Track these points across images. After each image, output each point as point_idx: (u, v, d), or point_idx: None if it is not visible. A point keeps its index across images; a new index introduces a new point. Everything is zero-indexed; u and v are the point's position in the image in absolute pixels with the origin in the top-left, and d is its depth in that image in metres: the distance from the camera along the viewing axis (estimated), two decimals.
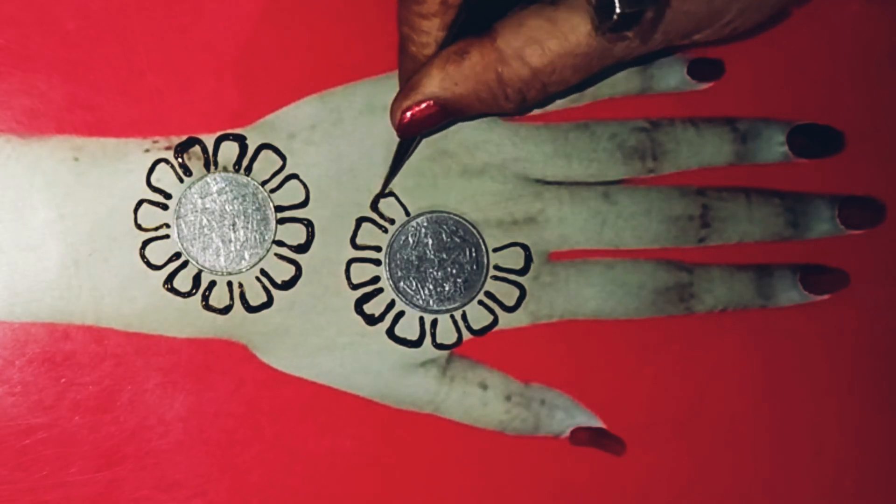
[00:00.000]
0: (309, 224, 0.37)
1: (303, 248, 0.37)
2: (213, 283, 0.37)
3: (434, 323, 0.38)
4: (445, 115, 0.33)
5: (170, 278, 0.37)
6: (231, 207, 0.37)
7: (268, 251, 0.37)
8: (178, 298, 0.37)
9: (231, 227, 0.37)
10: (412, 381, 0.38)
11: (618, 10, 0.28)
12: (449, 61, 0.32)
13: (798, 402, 0.41)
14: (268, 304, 0.37)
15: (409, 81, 0.33)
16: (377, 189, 0.38)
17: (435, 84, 0.33)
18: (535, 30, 0.31)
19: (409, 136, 0.35)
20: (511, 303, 0.38)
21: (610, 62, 0.32)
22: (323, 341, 0.38)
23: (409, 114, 0.33)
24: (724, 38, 0.34)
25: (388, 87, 0.38)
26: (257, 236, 0.37)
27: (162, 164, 0.37)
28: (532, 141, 0.39)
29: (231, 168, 0.37)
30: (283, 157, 0.37)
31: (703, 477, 0.40)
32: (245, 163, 0.37)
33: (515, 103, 0.33)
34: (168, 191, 0.37)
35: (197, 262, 0.37)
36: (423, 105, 0.33)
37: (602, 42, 0.31)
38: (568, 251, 0.39)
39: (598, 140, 0.39)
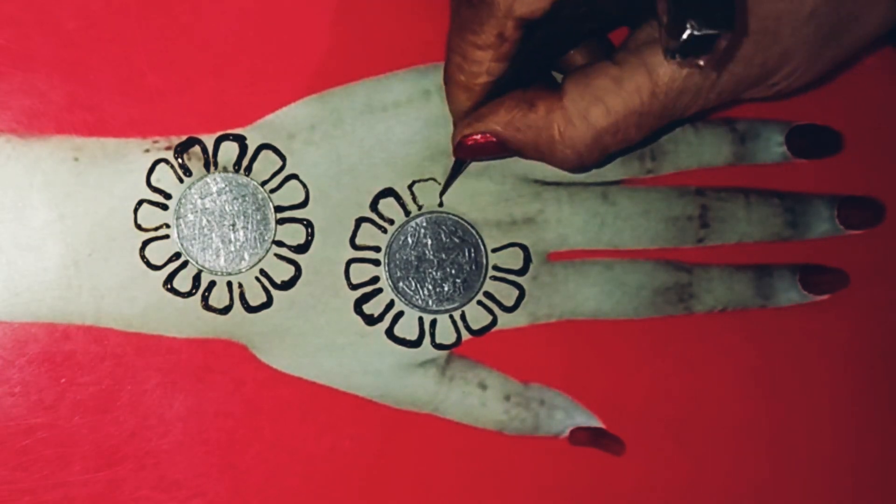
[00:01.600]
0: (309, 224, 0.37)
1: (302, 249, 0.37)
2: (212, 284, 0.37)
3: (433, 323, 0.38)
4: (501, 150, 0.34)
5: (170, 278, 0.37)
6: (231, 207, 0.37)
7: (268, 251, 0.37)
8: (178, 298, 0.37)
9: (231, 228, 0.37)
10: (411, 382, 0.38)
11: (688, 32, 0.27)
12: (517, 108, 0.33)
13: (797, 402, 0.41)
14: (268, 304, 0.37)
15: (476, 111, 0.34)
16: (377, 189, 0.38)
17: (500, 123, 0.33)
18: (601, 90, 0.32)
19: (462, 158, 0.36)
20: (510, 303, 0.38)
21: (667, 119, 0.33)
22: (322, 341, 0.38)
23: (469, 141, 0.34)
24: (767, 98, 0.35)
25: (388, 87, 0.38)
26: (257, 236, 0.37)
27: (162, 164, 0.37)
28: None
29: (231, 168, 0.37)
30: (283, 158, 0.37)
31: (702, 477, 0.40)
32: (245, 163, 0.37)
33: (571, 164, 0.34)
34: (168, 191, 0.37)
35: (197, 263, 0.37)
36: (482, 139, 0.34)
37: (664, 102, 0.32)
38: (567, 251, 0.39)
39: None
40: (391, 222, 0.38)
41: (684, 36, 0.27)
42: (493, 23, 0.31)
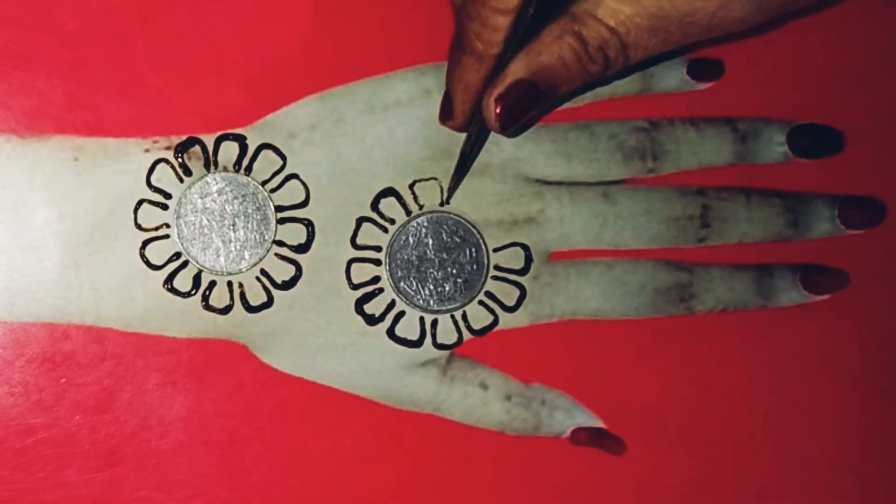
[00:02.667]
0: (309, 224, 0.37)
1: (303, 248, 0.37)
2: (213, 283, 0.37)
3: (434, 323, 0.38)
4: (537, 93, 0.33)
5: (170, 278, 0.37)
6: (231, 207, 0.37)
7: (268, 251, 0.37)
8: (179, 298, 0.37)
9: (231, 227, 0.37)
10: (412, 382, 0.38)
11: None
12: (528, 44, 0.32)
13: (798, 402, 0.41)
14: (268, 304, 0.37)
15: (498, 76, 0.33)
16: (378, 189, 0.38)
17: (519, 63, 0.33)
18: None
19: (507, 127, 0.34)
20: (511, 303, 0.38)
21: (694, 32, 0.32)
22: (323, 341, 0.38)
23: (501, 102, 0.33)
24: (817, 5, 0.34)
25: (388, 87, 0.38)
26: (257, 236, 0.37)
27: (162, 164, 0.37)
28: (532, 141, 0.39)
29: (231, 168, 0.37)
30: (283, 157, 0.37)
31: (703, 477, 0.40)
32: (245, 163, 0.37)
33: (600, 65, 0.33)
34: (168, 191, 0.37)
35: (197, 262, 0.37)
36: (515, 87, 0.33)
37: (678, 5, 0.31)
38: (568, 251, 0.39)
39: (598, 140, 0.39)
40: (392, 222, 0.38)
41: None
42: None
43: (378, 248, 0.38)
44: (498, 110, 0.33)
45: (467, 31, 0.33)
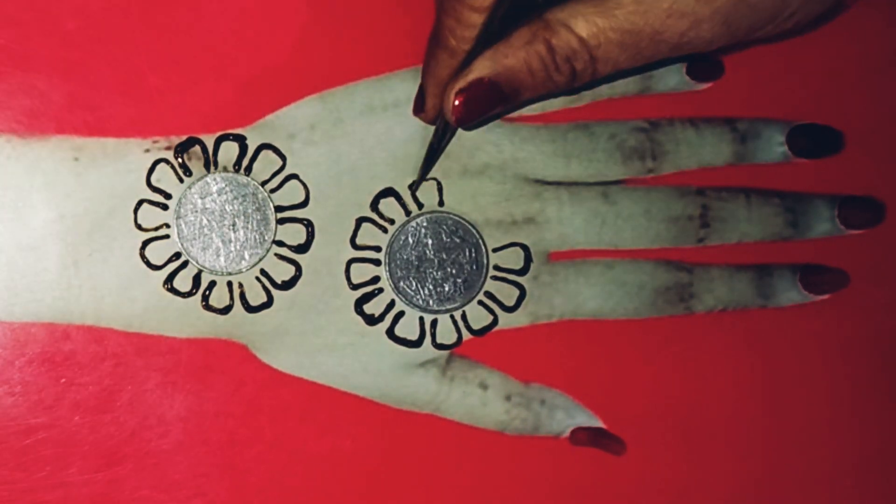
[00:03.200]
0: (309, 224, 0.37)
1: (303, 248, 0.37)
2: (213, 283, 0.37)
3: (434, 323, 0.38)
4: (499, 95, 0.33)
5: (170, 278, 0.37)
6: (231, 207, 0.37)
7: (268, 251, 0.37)
8: (178, 298, 0.37)
9: (231, 227, 0.37)
10: (412, 382, 0.38)
11: None
12: (498, 44, 0.32)
13: (798, 402, 0.41)
14: (268, 304, 0.37)
15: (460, 72, 0.33)
16: (377, 189, 0.38)
17: (485, 62, 0.32)
18: (581, 6, 0.32)
19: (465, 122, 0.34)
20: (511, 303, 0.38)
21: (664, 49, 0.32)
22: (323, 341, 0.38)
23: (462, 97, 0.33)
24: (785, 33, 0.34)
25: (388, 87, 0.38)
26: (257, 236, 0.37)
27: (162, 164, 0.37)
28: (531, 141, 0.39)
29: (231, 168, 0.37)
30: (283, 157, 0.37)
31: (702, 477, 0.40)
32: (245, 163, 0.37)
33: (566, 76, 0.33)
34: (168, 191, 0.37)
35: (197, 262, 0.37)
36: (477, 85, 0.33)
37: (650, 21, 0.31)
38: (567, 251, 0.39)
39: (598, 140, 0.39)
40: (392, 222, 0.38)
41: None
42: None
43: (378, 249, 0.38)
44: (456, 103, 0.33)
45: (442, 27, 0.33)
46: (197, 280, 0.37)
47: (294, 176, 0.37)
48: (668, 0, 0.31)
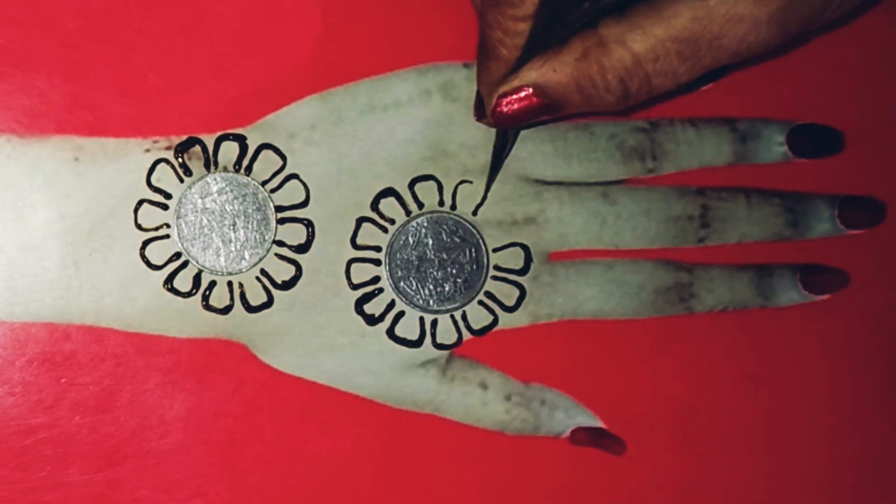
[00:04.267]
0: (309, 224, 0.37)
1: (303, 248, 0.37)
2: (213, 283, 0.37)
3: (434, 323, 0.38)
4: (544, 106, 0.33)
5: (170, 278, 0.37)
6: (231, 207, 0.37)
7: (268, 251, 0.37)
8: (179, 298, 0.37)
9: (231, 227, 0.37)
10: (412, 381, 0.38)
11: None
12: (550, 51, 0.32)
13: (798, 402, 0.41)
14: (268, 304, 0.37)
15: (510, 75, 0.33)
16: (378, 189, 0.38)
17: (535, 71, 0.32)
18: (638, 17, 0.31)
19: (503, 126, 0.34)
20: (511, 303, 0.38)
21: (724, 56, 0.32)
22: (323, 341, 0.38)
23: (505, 101, 0.33)
24: (835, 23, 0.33)
25: (388, 87, 0.38)
26: (257, 236, 0.37)
27: (162, 164, 0.37)
28: (532, 141, 0.39)
29: (231, 168, 0.37)
30: (284, 157, 0.37)
31: (703, 477, 0.40)
32: (245, 163, 0.37)
33: (617, 95, 0.32)
34: (168, 191, 0.37)
35: (197, 262, 0.37)
36: (522, 94, 0.32)
37: (709, 27, 0.31)
38: (568, 251, 0.39)
39: (598, 140, 0.39)
40: (392, 222, 0.38)
41: None
42: None
43: (378, 248, 0.38)
44: (498, 108, 0.33)
45: (490, 40, 0.32)
46: (197, 280, 0.37)
47: (294, 176, 0.37)
48: (725, 5, 0.30)
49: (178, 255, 0.37)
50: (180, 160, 0.37)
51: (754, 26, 0.31)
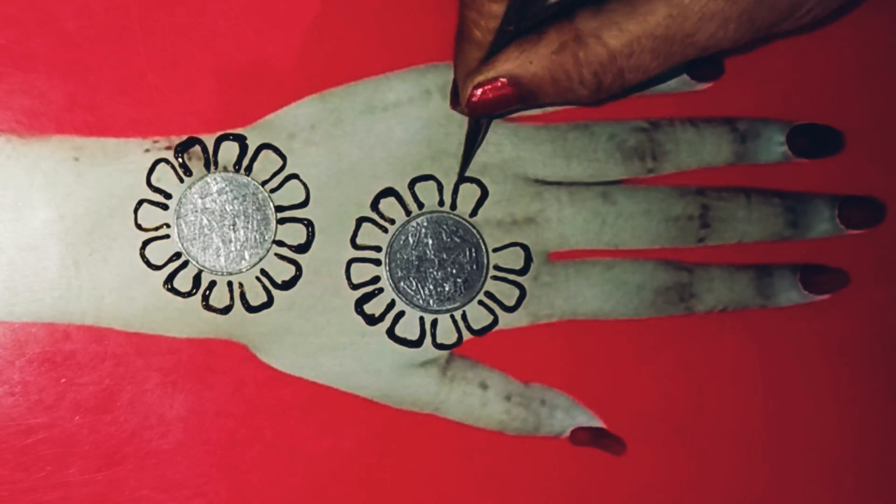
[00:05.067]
0: (309, 224, 0.37)
1: (303, 248, 0.37)
2: (213, 283, 0.37)
3: (434, 323, 0.38)
4: (518, 96, 0.33)
5: (170, 278, 0.37)
6: (231, 207, 0.37)
7: (268, 251, 0.37)
8: (179, 298, 0.37)
9: (231, 227, 0.37)
10: (412, 381, 0.38)
11: None
12: (526, 42, 0.32)
13: (798, 402, 0.41)
14: (268, 304, 0.37)
15: (485, 62, 0.33)
16: (377, 189, 0.38)
17: (511, 62, 0.32)
18: (614, 12, 0.31)
19: (477, 116, 0.34)
20: (511, 303, 0.38)
21: (692, 52, 0.32)
22: (323, 341, 0.38)
23: (479, 91, 0.33)
24: (803, 28, 0.34)
25: (388, 87, 0.38)
26: (257, 236, 0.37)
27: (162, 164, 0.37)
28: (531, 141, 0.39)
29: (231, 168, 0.37)
30: (284, 157, 0.37)
31: (703, 477, 0.40)
32: (245, 163, 0.37)
33: (591, 89, 0.33)
34: (168, 191, 0.37)
35: (197, 262, 0.37)
36: (498, 83, 0.33)
37: (682, 25, 0.31)
38: (568, 251, 0.39)
39: (598, 140, 0.39)
40: (392, 222, 0.38)
41: None
42: None
43: (378, 248, 0.38)
44: (473, 98, 0.33)
45: (466, 20, 0.33)
46: (197, 280, 0.37)
47: (294, 176, 0.37)
48: (698, 3, 0.31)
49: (178, 255, 0.37)
50: (180, 160, 0.37)
51: (724, 23, 0.31)
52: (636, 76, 0.32)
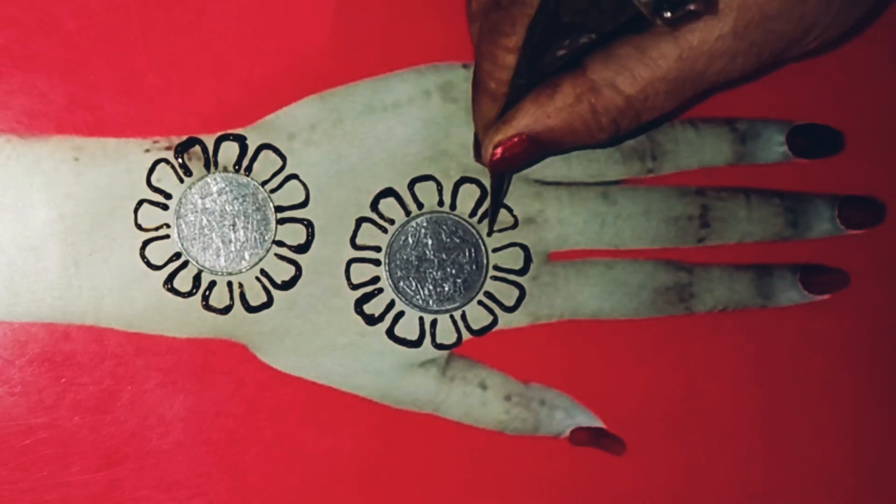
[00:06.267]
0: (309, 224, 0.37)
1: (303, 248, 0.37)
2: (213, 284, 0.37)
3: (434, 323, 0.38)
4: (537, 149, 0.33)
5: (170, 278, 0.37)
6: (231, 207, 0.37)
7: (268, 251, 0.37)
8: (179, 298, 0.37)
9: (231, 227, 0.37)
10: (412, 381, 0.38)
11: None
12: (541, 95, 0.32)
13: (798, 402, 0.41)
14: (268, 304, 0.37)
15: (500, 119, 0.33)
16: (377, 189, 0.38)
17: (528, 117, 0.33)
18: (625, 58, 0.32)
19: (500, 171, 0.35)
20: (511, 303, 0.38)
21: (703, 87, 0.33)
22: (323, 341, 0.38)
23: (500, 150, 0.33)
24: (809, 53, 0.34)
25: (388, 87, 0.38)
26: (257, 236, 0.37)
27: (162, 164, 0.37)
28: None
29: (231, 168, 0.37)
30: (283, 157, 0.37)
31: (702, 476, 0.40)
32: (245, 163, 0.37)
33: (609, 133, 0.33)
34: (168, 191, 0.37)
35: (197, 263, 0.37)
36: (516, 139, 0.33)
37: (693, 66, 0.31)
38: (567, 251, 0.39)
39: None
40: (392, 222, 0.38)
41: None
42: (523, 22, 0.31)
43: (377, 249, 0.38)
44: (494, 157, 0.33)
45: (481, 71, 0.33)
46: (197, 280, 0.37)
47: (294, 176, 0.37)
48: (707, 43, 0.31)
49: (177, 255, 0.37)
50: (180, 160, 0.37)
51: (732, 59, 0.32)
52: (651, 115, 0.33)
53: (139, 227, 0.37)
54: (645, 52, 0.31)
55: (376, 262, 0.38)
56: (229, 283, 0.37)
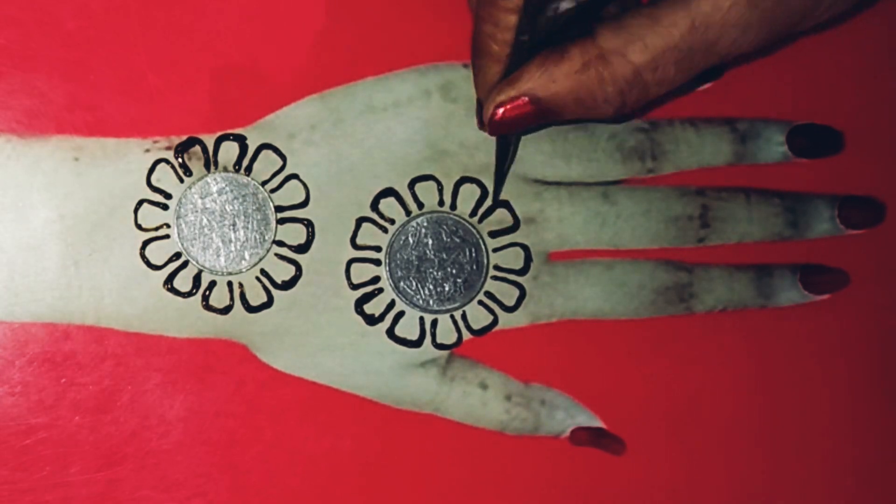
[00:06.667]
0: (309, 224, 0.37)
1: (303, 248, 0.37)
2: (213, 283, 0.37)
3: (434, 323, 0.38)
4: (540, 114, 0.33)
5: (170, 278, 0.37)
6: (231, 207, 0.37)
7: (268, 251, 0.37)
8: (179, 298, 0.37)
9: (231, 227, 0.37)
10: (412, 381, 0.38)
11: None
12: (549, 60, 0.32)
13: (797, 402, 0.41)
14: (268, 304, 0.37)
15: (506, 79, 0.33)
16: (377, 189, 0.38)
17: (533, 80, 0.32)
18: (636, 27, 0.31)
19: (498, 134, 0.34)
20: (511, 303, 0.38)
21: (714, 60, 0.32)
22: (323, 341, 0.38)
23: (501, 110, 0.33)
24: (822, 25, 0.34)
25: (388, 87, 0.38)
26: (257, 236, 0.37)
27: (162, 164, 0.37)
28: (532, 141, 0.39)
29: (231, 168, 0.37)
30: (283, 157, 0.37)
31: (702, 476, 0.40)
32: (245, 163, 0.37)
33: (614, 106, 0.32)
34: (168, 191, 0.37)
35: (197, 262, 0.37)
36: (519, 102, 0.32)
37: (705, 35, 0.31)
38: (567, 251, 0.39)
39: (598, 140, 0.39)
40: (392, 222, 0.38)
41: None
42: None
43: (378, 248, 0.38)
44: (495, 118, 0.33)
45: (482, 34, 0.33)
46: (197, 280, 0.37)
47: (294, 176, 0.37)
48: (720, 11, 0.31)
49: (178, 255, 0.37)
50: (180, 160, 0.37)
51: (745, 29, 0.31)
52: (660, 89, 0.32)
53: (139, 227, 0.36)
54: (657, 20, 0.31)
55: (376, 262, 0.38)
56: (229, 283, 0.37)
